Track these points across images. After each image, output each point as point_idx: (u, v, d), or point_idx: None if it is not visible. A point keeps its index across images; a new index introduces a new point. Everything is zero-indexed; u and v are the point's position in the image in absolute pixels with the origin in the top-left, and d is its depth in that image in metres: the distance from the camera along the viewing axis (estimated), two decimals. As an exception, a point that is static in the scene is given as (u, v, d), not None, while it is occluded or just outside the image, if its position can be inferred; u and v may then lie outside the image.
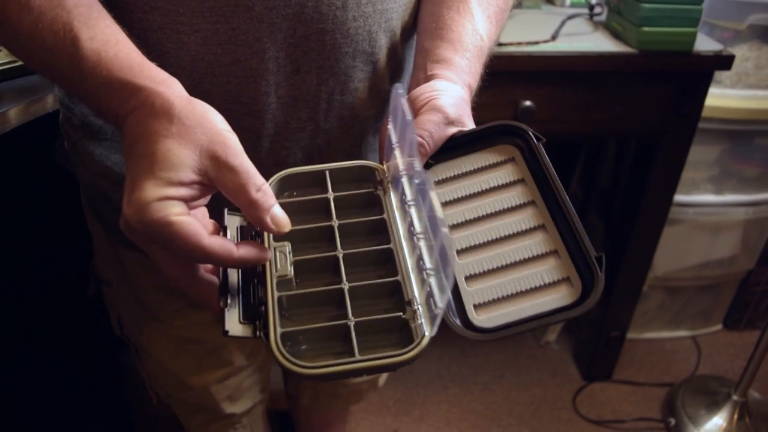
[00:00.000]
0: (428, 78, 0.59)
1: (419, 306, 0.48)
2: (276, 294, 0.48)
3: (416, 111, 0.56)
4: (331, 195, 0.55)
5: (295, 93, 0.62)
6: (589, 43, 1.17)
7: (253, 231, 0.52)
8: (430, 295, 0.47)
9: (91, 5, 0.52)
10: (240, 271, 0.50)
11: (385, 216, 0.54)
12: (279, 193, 0.54)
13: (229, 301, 0.47)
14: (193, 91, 0.59)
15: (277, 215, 0.48)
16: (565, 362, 1.75)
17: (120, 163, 0.67)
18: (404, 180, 0.53)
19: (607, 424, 1.58)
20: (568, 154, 1.85)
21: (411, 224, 0.51)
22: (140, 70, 0.49)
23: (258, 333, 0.46)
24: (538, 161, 0.55)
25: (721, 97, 1.41)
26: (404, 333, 0.48)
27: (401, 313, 0.48)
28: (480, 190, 0.54)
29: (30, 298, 1.24)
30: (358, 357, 0.45)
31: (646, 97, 1.23)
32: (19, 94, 0.84)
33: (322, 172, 0.56)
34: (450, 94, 0.56)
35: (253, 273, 0.50)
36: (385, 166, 0.57)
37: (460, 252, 0.51)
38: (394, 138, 0.53)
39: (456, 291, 0.49)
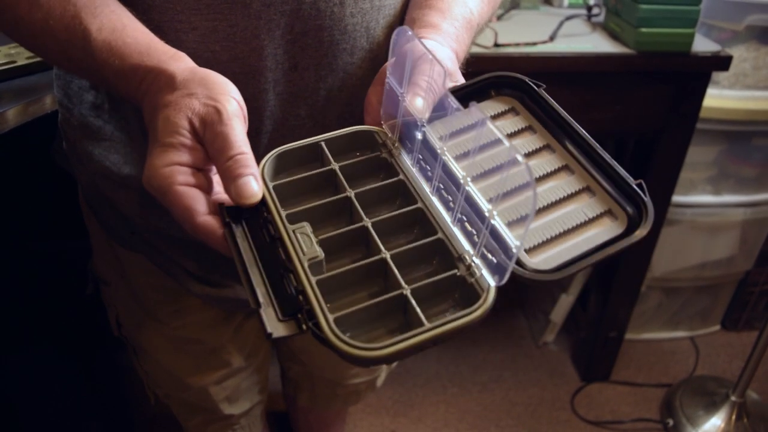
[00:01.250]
0: None
1: (473, 259, 0.45)
2: (313, 279, 0.44)
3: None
4: (335, 165, 0.52)
5: (293, 90, 0.62)
6: (587, 44, 1.18)
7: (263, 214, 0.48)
8: (486, 246, 0.43)
9: None
10: (259, 262, 0.45)
11: (402, 177, 0.51)
12: (275, 175, 0.52)
13: (261, 300, 0.42)
14: None
15: (241, 185, 0.46)
16: (563, 363, 1.75)
17: (119, 163, 0.67)
18: (422, 131, 0.49)
19: (605, 424, 1.58)
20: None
21: (442, 177, 0.48)
22: (148, 51, 0.51)
23: (305, 327, 0.41)
24: (543, 106, 0.54)
25: (719, 97, 1.41)
26: (463, 292, 0.45)
27: (455, 271, 0.45)
28: (489, 141, 0.49)
29: (29, 297, 1.24)
30: (428, 325, 0.41)
31: (644, 98, 1.23)
32: (18, 95, 0.84)
33: (317, 144, 0.53)
34: (441, 51, 0.56)
35: (276, 261, 0.45)
36: (384, 126, 0.54)
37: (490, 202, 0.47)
38: (398, 88, 0.50)
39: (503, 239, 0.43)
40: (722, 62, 1.18)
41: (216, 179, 0.50)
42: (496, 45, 1.13)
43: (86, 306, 0.99)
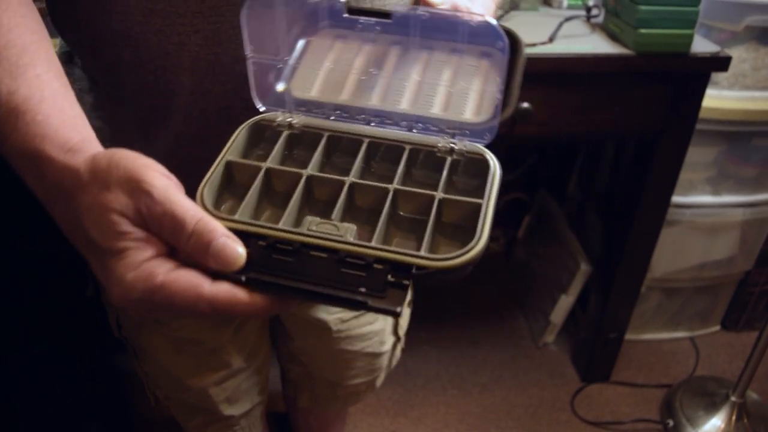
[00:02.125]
0: None
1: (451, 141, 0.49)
2: (374, 243, 0.42)
3: None
4: (266, 164, 0.49)
5: None
6: (586, 44, 1.18)
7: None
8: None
9: (25, 47, 0.46)
10: (310, 278, 0.40)
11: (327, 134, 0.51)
12: (249, 149, 0.50)
13: (359, 299, 0.39)
14: (195, 90, 0.59)
15: (219, 254, 0.40)
16: (563, 363, 1.75)
17: None
18: None
19: (606, 425, 1.58)
20: (566, 155, 1.86)
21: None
22: (53, 136, 0.43)
23: (406, 281, 0.40)
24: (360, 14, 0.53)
25: (719, 98, 1.41)
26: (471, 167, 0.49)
27: (447, 156, 0.49)
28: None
29: (29, 298, 1.24)
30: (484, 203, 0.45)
31: (644, 99, 1.23)
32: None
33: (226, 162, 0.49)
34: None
35: (321, 265, 0.41)
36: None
37: None
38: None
39: None
40: (721, 63, 1.18)
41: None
42: (496, 46, 1.13)
43: (86, 307, 0.99)
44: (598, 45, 1.18)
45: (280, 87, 0.53)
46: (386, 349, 1.05)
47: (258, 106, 0.53)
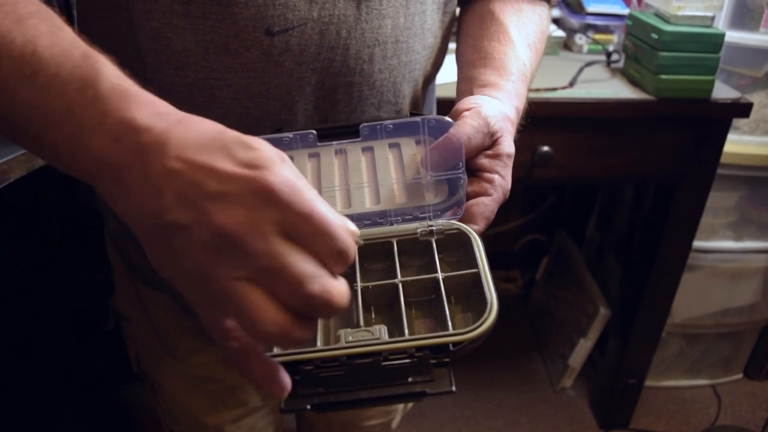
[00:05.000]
0: None
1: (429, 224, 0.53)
2: (406, 335, 0.45)
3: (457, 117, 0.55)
4: None
5: None
6: (606, 89, 1.19)
7: None
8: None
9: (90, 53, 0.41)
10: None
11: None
12: None
13: (419, 387, 0.42)
14: None
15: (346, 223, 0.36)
16: (581, 409, 1.72)
17: None
18: None
19: (625, 473, 1.55)
20: (585, 196, 1.86)
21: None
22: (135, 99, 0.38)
23: (447, 359, 0.43)
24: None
25: (740, 143, 1.41)
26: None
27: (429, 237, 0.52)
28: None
29: (50, 324, 1.25)
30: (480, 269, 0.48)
31: (664, 143, 1.23)
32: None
33: None
34: (495, 106, 0.56)
35: (359, 373, 0.43)
36: None
37: None
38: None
39: None
40: (742, 109, 1.18)
41: None
42: (517, 89, 1.14)
43: (105, 339, 0.99)
44: (618, 90, 1.19)
45: None
46: (403, 391, 1.04)
47: None
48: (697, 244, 1.48)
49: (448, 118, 0.54)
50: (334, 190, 0.55)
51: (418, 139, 0.55)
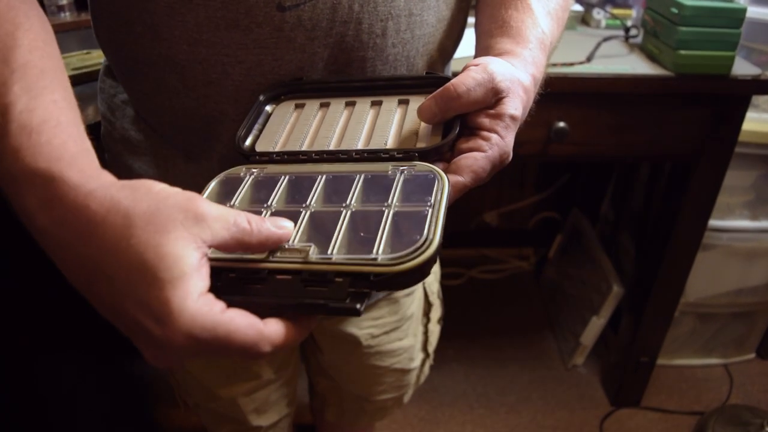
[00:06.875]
0: None
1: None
2: (336, 255, 0.44)
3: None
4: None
5: None
6: (624, 65, 1.17)
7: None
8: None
9: (44, 70, 0.44)
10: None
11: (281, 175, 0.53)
12: (221, 200, 0.52)
13: (326, 303, 0.41)
14: (237, 118, 0.60)
15: (276, 221, 0.44)
16: (592, 386, 1.72)
17: (157, 177, 0.68)
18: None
19: (635, 451, 1.55)
20: (600, 175, 1.84)
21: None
22: (72, 161, 0.41)
23: (366, 290, 0.42)
24: (318, 87, 0.60)
25: (759, 121, 1.39)
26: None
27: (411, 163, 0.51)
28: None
29: (63, 302, 1.26)
30: (433, 205, 0.46)
31: (682, 121, 1.22)
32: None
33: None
34: (504, 66, 0.53)
35: (280, 287, 0.43)
36: None
37: None
38: None
39: None
40: (763, 86, 1.16)
41: None
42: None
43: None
44: (636, 65, 1.17)
45: (246, 145, 0.57)
46: (415, 366, 1.04)
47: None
48: (713, 222, 1.47)
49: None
50: (332, 135, 0.56)
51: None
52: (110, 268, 0.38)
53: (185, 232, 0.39)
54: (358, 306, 0.40)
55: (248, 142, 0.57)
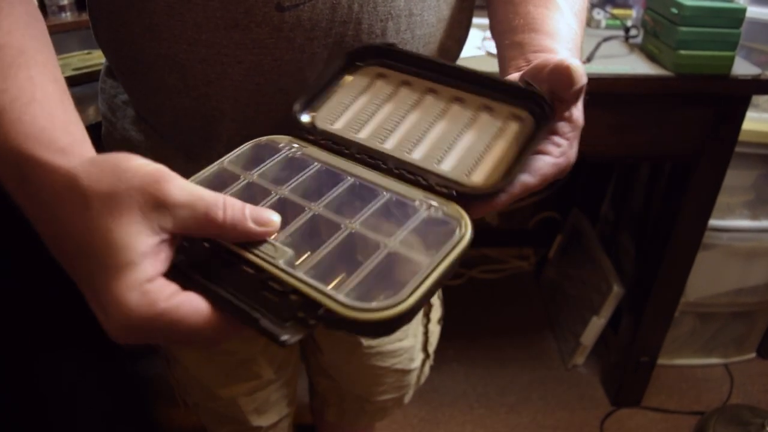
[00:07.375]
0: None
1: (428, 198, 0.46)
2: (300, 273, 0.40)
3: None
4: (251, 176, 0.50)
5: None
6: (624, 65, 1.17)
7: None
8: (436, 183, 0.47)
9: (23, 49, 0.44)
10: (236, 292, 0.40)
11: (319, 164, 0.51)
12: (248, 165, 0.50)
13: (255, 315, 0.38)
14: (236, 117, 0.60)
15: (259, 216, 0.42)
16: (592, 386, 1.72)
17: None
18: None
19: (636, 451, 1.55)
20: (600, 174, 1.84)
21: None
22: (39, 136, 0.40)
23: (312, 321, 0.38)
24: (408, 59, 0.56)
25: (759, 121, 1.39)
26: (438, 230, 0.44)
27: (422, 211, 0.45)
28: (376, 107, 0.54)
29: (64, 300, 1.26)
30: (429, 263, 0.40)
31: (682, 121, 1.22)
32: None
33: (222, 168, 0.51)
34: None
35: (248, 280, 0.41)
36: None
37: (414, 145, 0.50)
38: None
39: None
40: (763, 86, 1.16)
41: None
42: (533, 65, 1.13)
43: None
44: (636, 65, 1.17)
45: (305, 116, 0.54)
46: (415, 366, 1.04)
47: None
48: (713, 222, 1.47)
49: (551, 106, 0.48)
50: (394, 130, 0.52)
51: (515, 113, 0.50)
52: (69, 246, 0.39)
53: (140, 216, 0.38)
54: (286, 337, 0.37)
55: (305, 114, 0.54)
